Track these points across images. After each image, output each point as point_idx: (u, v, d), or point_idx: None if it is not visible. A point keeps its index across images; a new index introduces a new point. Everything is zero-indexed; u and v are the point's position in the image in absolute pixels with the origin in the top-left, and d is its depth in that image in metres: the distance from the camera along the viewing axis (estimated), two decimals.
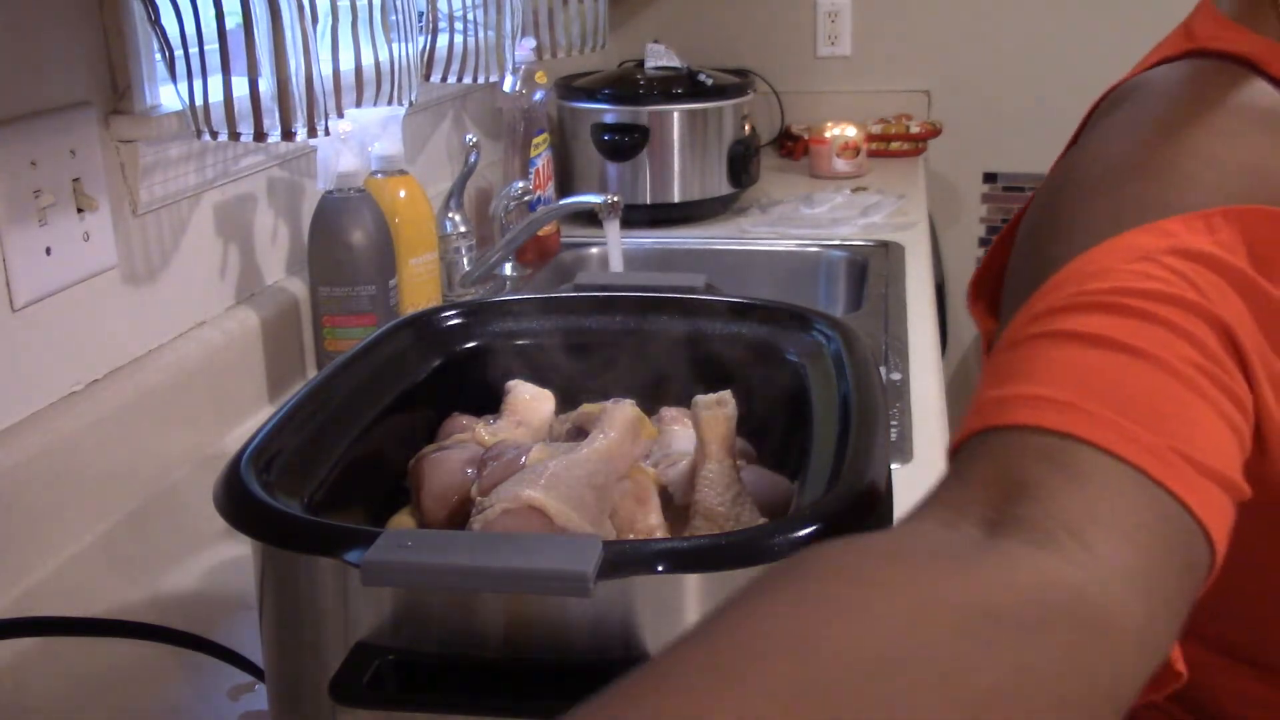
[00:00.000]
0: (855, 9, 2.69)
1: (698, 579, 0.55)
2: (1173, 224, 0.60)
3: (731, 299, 0.85)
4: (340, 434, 0.71)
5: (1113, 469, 0.49)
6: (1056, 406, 0.52)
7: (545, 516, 0.61)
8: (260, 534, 0.59)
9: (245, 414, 1.23)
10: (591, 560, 0.51)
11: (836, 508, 0.57)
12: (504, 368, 0.83)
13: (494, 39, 1.63)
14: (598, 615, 0.54)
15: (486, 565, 0.52)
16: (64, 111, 1.00)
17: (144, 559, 0.98)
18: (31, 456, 0.94)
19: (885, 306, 1.56)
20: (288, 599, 0.60)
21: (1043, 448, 0.50)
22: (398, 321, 0.85)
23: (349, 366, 0.76)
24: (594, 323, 0.86)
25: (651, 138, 2.00)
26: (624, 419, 0.69)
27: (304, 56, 1.11)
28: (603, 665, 0.53)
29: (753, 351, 0.80)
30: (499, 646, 0.55)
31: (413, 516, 0.72)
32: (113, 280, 1.08)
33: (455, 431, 0.78)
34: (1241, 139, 0.67)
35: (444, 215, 1.60)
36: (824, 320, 0.81)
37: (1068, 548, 0.45)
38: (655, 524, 0.68)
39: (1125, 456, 0.50)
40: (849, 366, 0.73)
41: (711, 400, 0.71)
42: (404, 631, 0.55)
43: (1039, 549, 0.45)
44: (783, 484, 0.72)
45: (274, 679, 0.63)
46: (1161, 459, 0.50)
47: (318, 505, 0.64)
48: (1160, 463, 0.50)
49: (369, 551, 0.53)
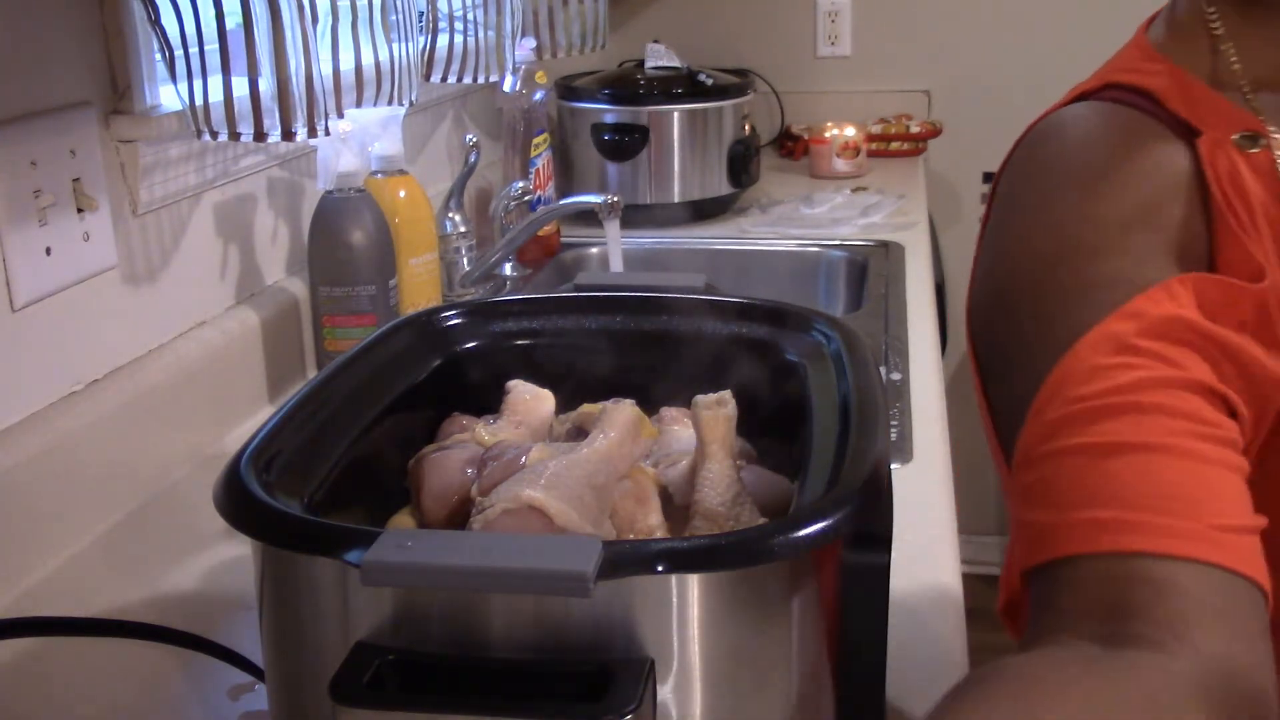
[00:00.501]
0: (855, 9, 2.69)
1: (698, 579, 0.55)
2: (1139, 304, 0.68)
3: (731, 299, 0.85)
4: (340, 434, 0.70)
5: (1180, 570, 0.60)
6: (1110, 528, 0.62)
7: (545, 516, 0.61)
8: (260, 534, 0.59)
9: (245, 414, 1.23)
10: (591, 560, 0.51)
11: (836, 508, 0.57)
12: (504, 368, 0.83)
13: (494, 39, 1.63)
14: (598, 615, 0.54)
15: (486, 565, 0.52)
16: (64, 111, 1.00)
17: (144, 559, 0.98)
18: (31, 456, 0.94)
19: (885, 306, 1.56)
20: (288, 599, 0.60)
21: (1116, 570, 0.61)
22: (398, 321, 0.85)
23: (349, 366, 0.76)
24: (594, 323, 0.86)
25: (651, 138, 2.00)
26: (624, 419, 0.69)
27: (304, 56, 1.11)
28: (603, 665, 0.53)
29: (753, 351, 0.80)
30: (499, 646, 0.55)
31: (413, 516, 0.72)
32: (113, 280, 1.08)
33: (455, 431, 0.78)
34: (1144, 186, 0.75)
35: (444, 215, 1.60)
36: (824, 320, 0.80)
37: (1173, 647, 0.57)
38: (655, 524, 0.68)
39: (1182, 555, 0.60)
40: (849, 366, 0.73)
41: (711, 400, 0.71)
42: (404, 631, 0.55)
43: (1157, 651, 0.57)
44: (783, 484, 0.72)
45: (274, 679, 0.63)
46: (1209, 541, 0.61)
47: (318, 505, 0.64)
48: (1209, 546, 0.61)
49: (369, 551, 0.53)
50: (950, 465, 1.14)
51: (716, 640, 0.56)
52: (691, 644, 0.55)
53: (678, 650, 0.55)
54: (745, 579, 0.56)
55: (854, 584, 0.59)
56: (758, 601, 0.57)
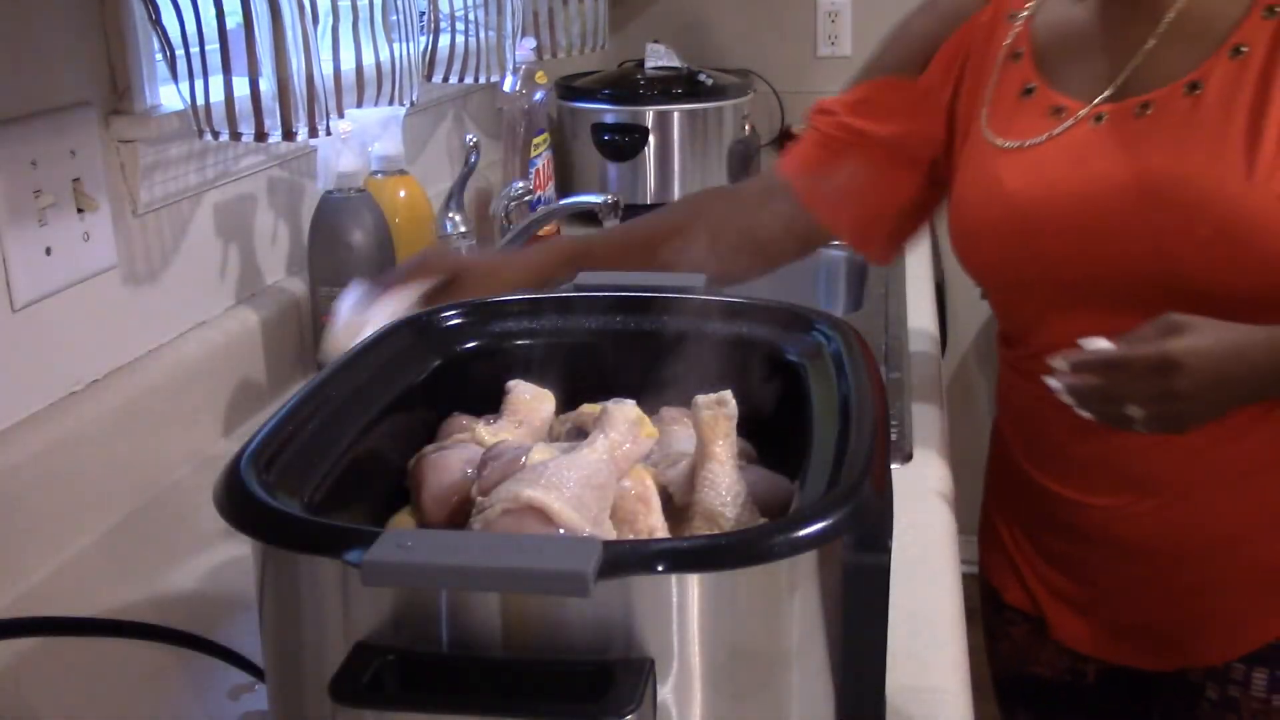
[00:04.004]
0: (855, 9, 2.69)
1: (698, 579, 0.55)
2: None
3: (731, 299, 0.85)
4: (340, 434, 0.70)
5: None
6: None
7: (545, 516, 0.61)
8: (260, 534, 0.59)
9: (245, 414, 1.23)
10: (591, 560, 0.51)
11: (836, 508, 0.57)
12: (504, 368, 0.83)
13: (494, 39, 1.63)
14: (598, 615, 0.54)
15: (486, 565, 0.52)
16: (64, 111, 1.00)
17: (144, 559, 0.98)
18: (31, 456, 0.94)
19: (885, 306, 1.56)
20: (288, 599, 0.60)
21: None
22: (398, 321, 0.85)
23: (349, 366, 0.76)
24: (594, 323, 0.86)
25: (651, 138, 2.00)
26: (624, 419, 0.69)
27: (305, 56, 1.11)
28: (603, 665, 0.53)
29: (753, 351, 0.80)
30: (499, 646, 0.55)
31: (413, 516, 0.72)
32: (113, 280, 1.08)
33: (455, 431, 0.78)
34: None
35: (444, 215, 1.60)
36: (824, 320, 0.80)
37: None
38: (655, 524, 0.68)
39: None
40: (849, 366, 0.73)
41: (711, 400, 0.71)
42: (404, 631, 0.55)
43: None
44: (783, 484, 0.72)
45: (274, 679, 0.63)
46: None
47: (318, 505, 0.64)
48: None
49: (369, 551, 0.53)
50: (950, 465, 1.14)
51: (716, 640, 0.56)
52: (691, 644, 0.55)
53: (678, 650, 0.55)
54: (745, 579, 0.56)
55: (854, 584, 0.59)
56: (757, 601, 0.57)
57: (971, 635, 0.88)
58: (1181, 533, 1.07)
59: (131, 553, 0.99)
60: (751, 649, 0.57)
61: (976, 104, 1.12)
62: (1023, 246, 1.05)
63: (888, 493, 0.60)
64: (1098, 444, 1.05)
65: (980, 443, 1.29)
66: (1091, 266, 1.01)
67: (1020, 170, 1.05)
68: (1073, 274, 1.03)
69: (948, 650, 0.83)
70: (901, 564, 0.89)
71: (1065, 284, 1.04)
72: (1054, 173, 1.03)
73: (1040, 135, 1.05)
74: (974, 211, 1.09)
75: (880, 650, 0.61)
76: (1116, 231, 0.99)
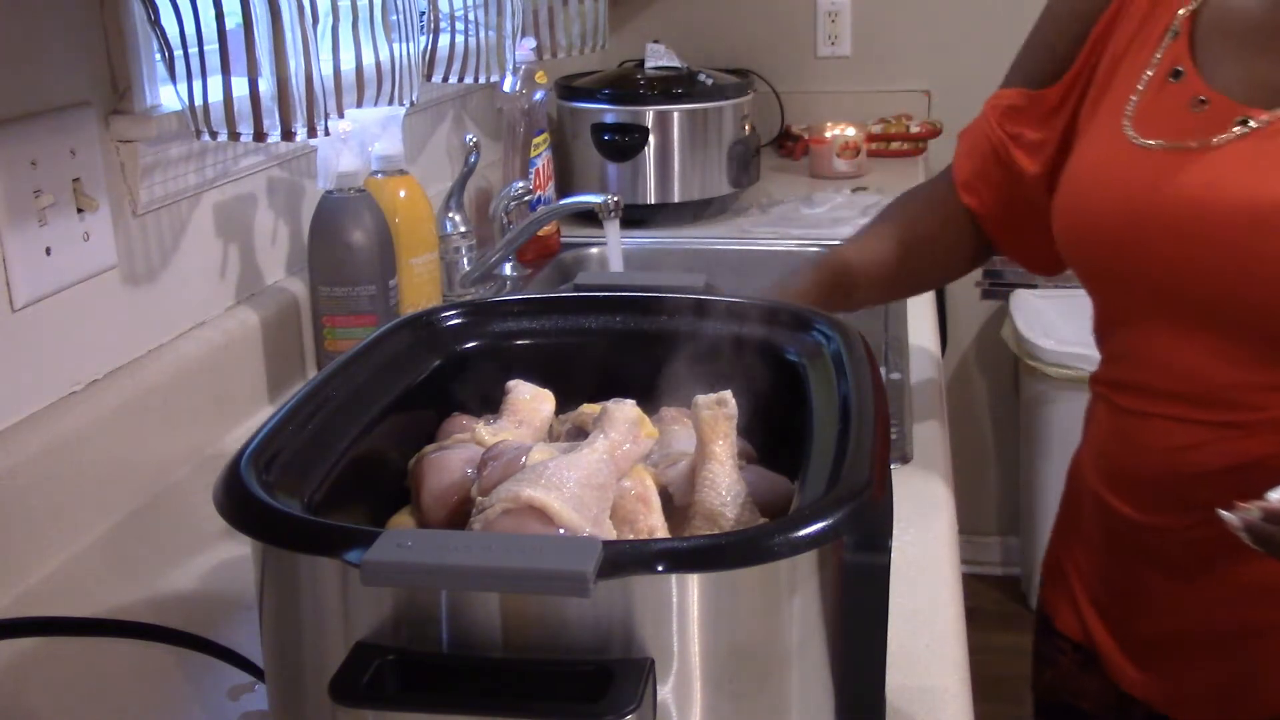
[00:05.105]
0: (855, 9, 2.69)
1: (698, 579, 0.55)
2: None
3: (731, 299, 0.85)
4: (340, 434, 0.71)
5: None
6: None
7: (545, 516, 0.61)
8: (260, 534, 0.59)
9: (245, 414, 1.23)
10: (591, 560, 0.51)
11: (836, 508, 0.57)
12: (504, 368, 0.83)
13: (494, 39, 1.63)
14: (598, 615, 0.54)
15: (486, 565, 0.52)
16: (64, 111, 1.00)
17: (144, 559, 0.98)
18: (31, 456, 0.94)
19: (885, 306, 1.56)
20: (288, 599, 0.60)
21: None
22: (398, 321, 0.85)
23: (349, 366, 0.76)
24: (594, 323, 0.86)
25: (651, 138, 2.00)
26: (624, 419, 0.69)
27: (304, 56, 1.11)
28: (602, 665, 0.53)
29: (753, 351, 0.80)
30: (499, 646, 0.55)
31: (413, 516, 0.72)
32: (113, 280, 1.08)
33: (455, 431, 0.78)
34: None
35: (444, 215, 1.60)
36: (824, 320, 0.81)
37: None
38: (655, 524, 0.68)
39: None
40: (849, 366, 0.73)
41: (711, 400, 0.71)
42: (404, 631, 0.55)
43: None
44: (783, 484, 0.72)
45: (274, 679, 0.63)
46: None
47: (318, 505, 0.64)
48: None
49: (369, 551, 0.53)
50: (950, 465, 1.14)
51: (716, 640, 0.56)
52: (691, 644, 0.55)
53: (678, 650, 0.55)
54: (745, 579, 0.56)
55: (854, 584, 0.59)
56: (757, 601, 0.57)
57: (971, 635, 0.88)
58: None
59: (131, 553, 0.99)
60: (751, 649, 0.57)
61: (1115, 78, 1.06)
62: (1138, 245, 1.00)
63: (888, 493, 0.60)
64: (1192, 472, 1.00)
65: (980, 443, 1.29)
66: (1203, 286, 0.96)
67: (1149, 167, 0.99)
68: (1181, 286, 0.98)
69: (948, 650, 0.83)
70: (901, 564, 0.89)
71: (1173, 296, 0.99)
72: (1186, 178, 0.97)
73: (1180, 136, 0.98)
74: (1091, 204, 1.04)
75: (880, 650, 0.61)
76: (1238, 251, 0.94)
